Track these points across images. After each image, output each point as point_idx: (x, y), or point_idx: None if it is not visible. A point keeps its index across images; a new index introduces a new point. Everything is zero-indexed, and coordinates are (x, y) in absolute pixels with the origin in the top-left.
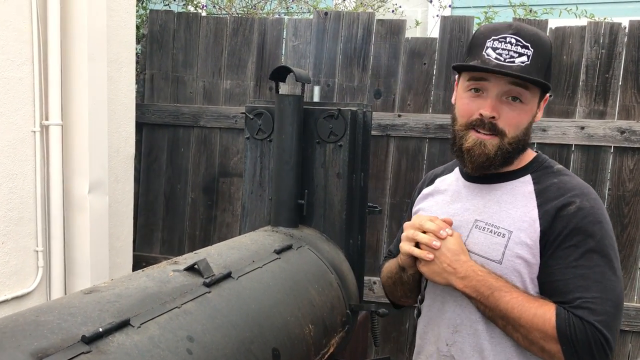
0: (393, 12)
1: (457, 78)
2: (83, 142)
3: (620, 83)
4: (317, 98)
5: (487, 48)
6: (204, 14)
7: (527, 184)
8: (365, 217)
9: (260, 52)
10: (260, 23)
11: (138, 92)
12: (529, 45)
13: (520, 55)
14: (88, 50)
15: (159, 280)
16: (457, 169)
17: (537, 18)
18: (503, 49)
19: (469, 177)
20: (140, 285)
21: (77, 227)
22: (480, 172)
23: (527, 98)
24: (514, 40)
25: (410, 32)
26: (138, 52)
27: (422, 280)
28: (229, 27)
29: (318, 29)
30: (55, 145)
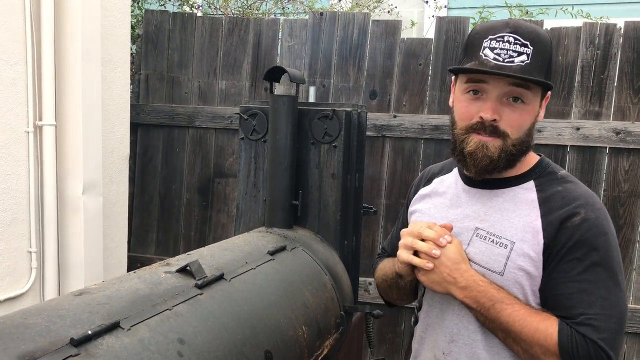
0: (389, 13)
1: (454, 80)
2: (77, 142)
3: (616, 84)
4: (312, 99)
5: (484, 48)
6: (200, 15)
7: (530, 191)
8: (361, 218)
9: (256, 52)
10: (256, 23)
11: (133, 92)
12: (529, 44)
13: (520, 55)
14: (82, 51)
15: (151, 282)
16: (456, 170)
17: (533, 19)
18: (501, 49)
19: (470, 181)
20: (132, 287)
21: (71, 228)
22: (484, 176)
23: (529, 98)
24: (513, 39)
25: (407, 32)
26: (133, 52)
27: (419, 287)
28: (225, 27)
29: (314, 30)
30: (49, 146)
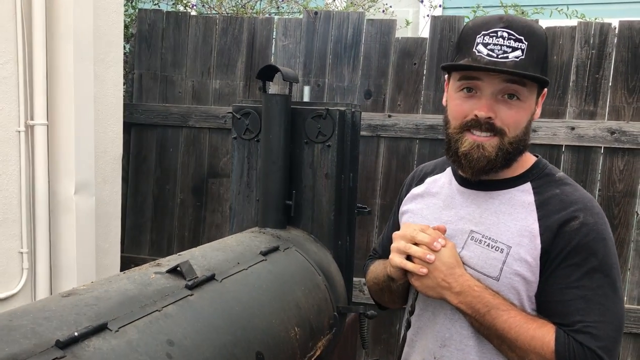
0: (383, 12)
1: (446, 78)
2: (69, 142)
3: (611, 83)
4: (307, 98)
5: (477, 44)
6: (194, 13)
7: (526, 194)
8: (354, 218)
9: (250, 51)
10: (250, 22)
11: (127, 92)
12: (523, 38)
13: (514, 50)
14: (74, 49)
15: (140, 283)
16: (449, 170)
17: (528, 18)
18: (495, 44)
19: (464, 181)
20: (121, 288)
21: (63, 228)
22: (480, 177)
23: (524, 95)
24: (506, 34)
25: (402, 32)
26: (127, 51)
27: (411, 291)
28: (219, 26)
29: (308, 29)
30: (41, 146)
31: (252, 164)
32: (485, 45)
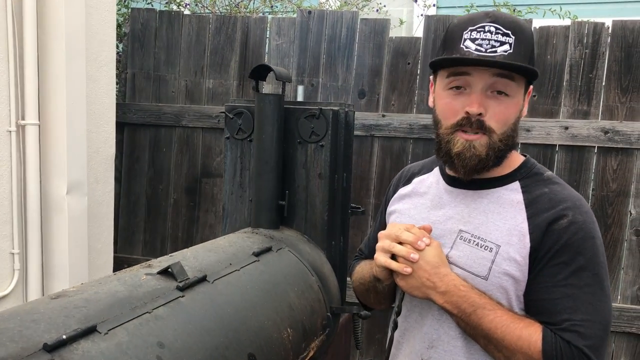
0: (377, 11)
1: (431, 79)
2: (61, 142)
3: (604, 83)
4: (300, 98)
5: (464, 40)
6: (187, 12)
7: (515, 192)
8: (348, 218)
9: (243, 51)
10: (243, 21)
11: (120, 91)
12: (510, 33)
13: (502, 44)
14: (66, 48)
15: (130, 285)
16: (436, 170)
17: (521, 17)
18: (483, 39)
19: (452, 181)
20: (111, 290)
21: (54, 229)
22: (472, 176)
23: (513, 90)
24: (494, 29)
25: (396, 31)
26: (119, 50)
27: (398, 291)
28: (212, 25)
29: (302, 28)
30: (32, 145)
31: (245, 164)
32: (473, 41)
